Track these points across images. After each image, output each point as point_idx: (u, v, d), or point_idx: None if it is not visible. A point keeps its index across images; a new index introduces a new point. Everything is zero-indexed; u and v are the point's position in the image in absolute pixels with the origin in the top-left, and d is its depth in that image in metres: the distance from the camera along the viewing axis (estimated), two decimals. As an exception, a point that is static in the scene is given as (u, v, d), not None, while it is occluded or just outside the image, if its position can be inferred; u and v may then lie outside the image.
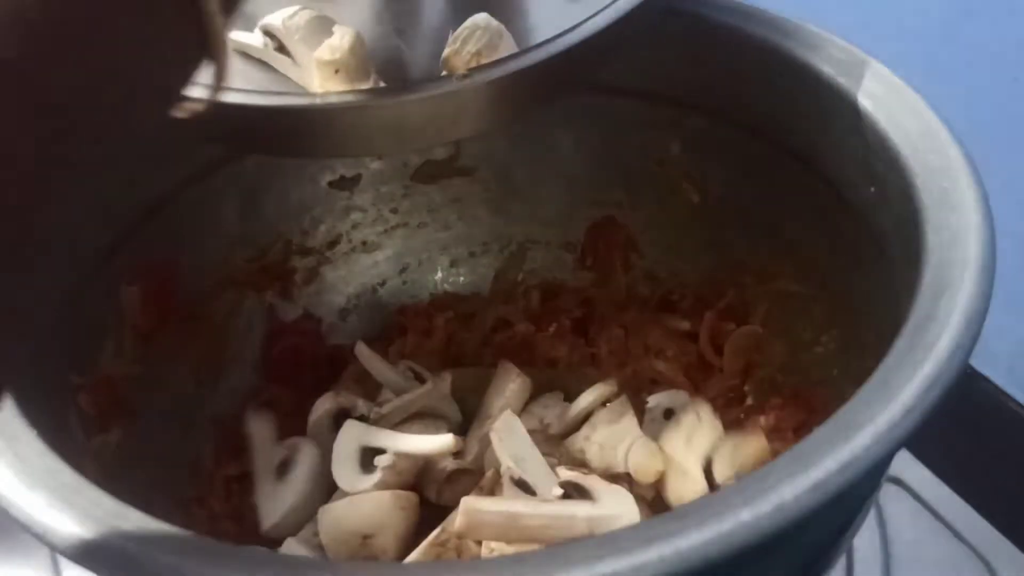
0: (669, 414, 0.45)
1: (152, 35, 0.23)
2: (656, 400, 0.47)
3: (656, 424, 0.45)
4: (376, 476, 0.42)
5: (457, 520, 0.37)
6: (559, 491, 0.38)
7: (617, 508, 0.37)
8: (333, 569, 0.27)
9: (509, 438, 0.40)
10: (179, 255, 0.47)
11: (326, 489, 0.45)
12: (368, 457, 0.43)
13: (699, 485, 0.41)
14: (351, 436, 0.43)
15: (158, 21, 0.23)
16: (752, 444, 0.41)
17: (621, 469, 0.42)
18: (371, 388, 0.49)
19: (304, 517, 0.44)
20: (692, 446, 0.42)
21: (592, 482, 0.39)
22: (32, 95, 0.20)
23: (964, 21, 0.55)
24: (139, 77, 0.23)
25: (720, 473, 0.41)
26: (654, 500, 0.43)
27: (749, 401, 0.49)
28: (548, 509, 0.37)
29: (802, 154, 0.45)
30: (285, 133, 0.35)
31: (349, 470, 0.43)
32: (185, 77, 0.25)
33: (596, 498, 0.38)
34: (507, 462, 0.39)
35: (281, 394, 0.51)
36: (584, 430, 0.44)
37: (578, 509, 0.37)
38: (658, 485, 0.42)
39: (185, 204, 0.47)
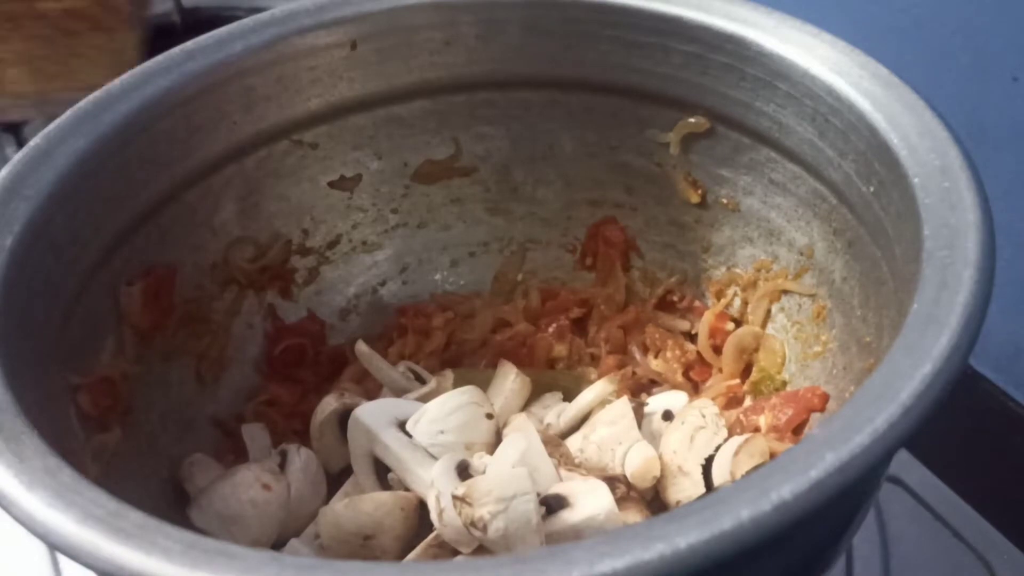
0: (668, 415, 0.45)
1: None
2: (656, 401, 0.47)
3: (655, 425, 0.45)
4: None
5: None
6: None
7: (591, 509, 0.37)
8: (333, 569, 0.27)
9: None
10: (179, 255, 0.47)
11: (324, 490, 0.45)
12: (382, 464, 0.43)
13: (698, 486, 0.41)
14: (362, 446, 0.44)
15: None
16: (751, 445, 0.41)
17: (619, 470, 0.42)
18: (371, 388, 0.49)
19: (304, 519, 0.44)
20: (694, 447, 0.42)
21: (570, 487, 0.39)
22: None
23: (964, 20, 0.56)
24: None
25: (719, 474, 0.41)
26: (654, 500, 0.43)
27: (748, 401, 0.49)
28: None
29: (802, 154, 0.45)
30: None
31: (366, 473, 0.43)
32: None
33: (573, 503, 0.38)
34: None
35: (281, 394, 0.51)
36: (583, 430, 0.44)
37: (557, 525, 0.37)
38: (657, 486, 0.42)
39: (185, 204, 0.47)
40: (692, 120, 0.49)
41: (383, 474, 0.43)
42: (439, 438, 0.42)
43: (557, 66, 0.50)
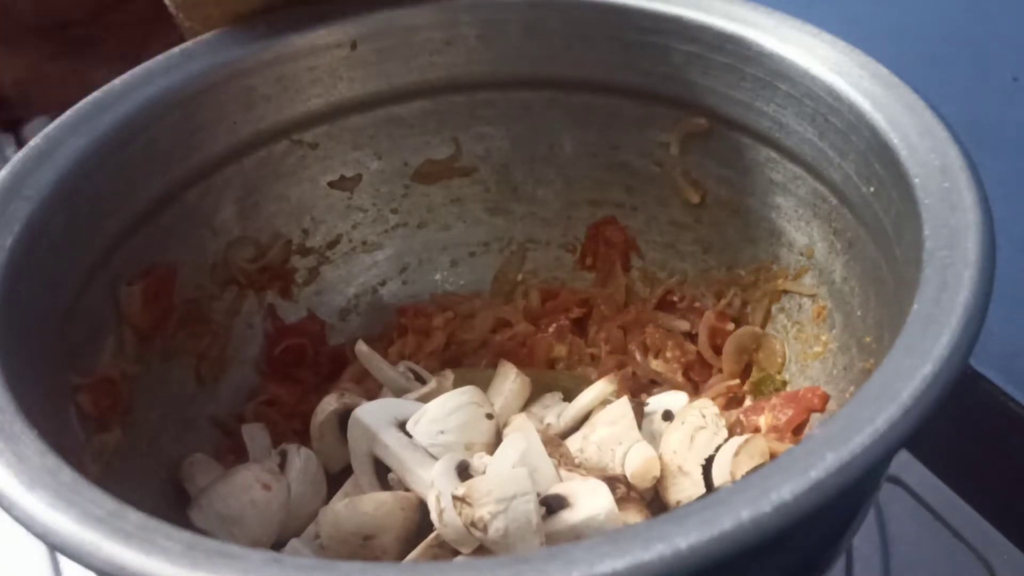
0: (668, 415, 0.45)
1: None
2: (656, 401, 0.47)
3: (655, 425, 0.45)
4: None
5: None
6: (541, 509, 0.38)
7: (591, 510, 0.37)
8: (333, 569, 0.27)
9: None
10: (179, 255, 0.47)
11: (324, 490, 0.45)
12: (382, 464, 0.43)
13: (698, 486, 0.41)
14: (362, 446, 0.44)
15: None
16: (751, 445, 0.41)
17: (618, 471, 0.42)
18: (371, 388, 0.49)
19: (304, 519, 0.44)
20: (694, 447, 0.42)
21: (570, 487, 0.39)
22: None
23: (964, 20, 0.55)
24: None
25: (719, 475, 0.41)
26: (654, 500, 0.43)
27: (748, 401, 0.49)
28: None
29: (802, 154, 0.45)
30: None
31: (366, 473, 0.43)
32: None
33: (573, 503, 0.38)
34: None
35: (281, 394, 0.51)
36: (583, 430, 0.44)
37: (557, 525, 0.37)
38: (657, 486, 0.42)
39: (185, 204, 0.47)
40: (693, 120, 0.49)
41: (383, 474, 0.43)
42: (439, 438, 0.43)
43: (557, 66, 0.50)
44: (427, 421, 0.43)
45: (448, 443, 0.42)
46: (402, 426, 0.43)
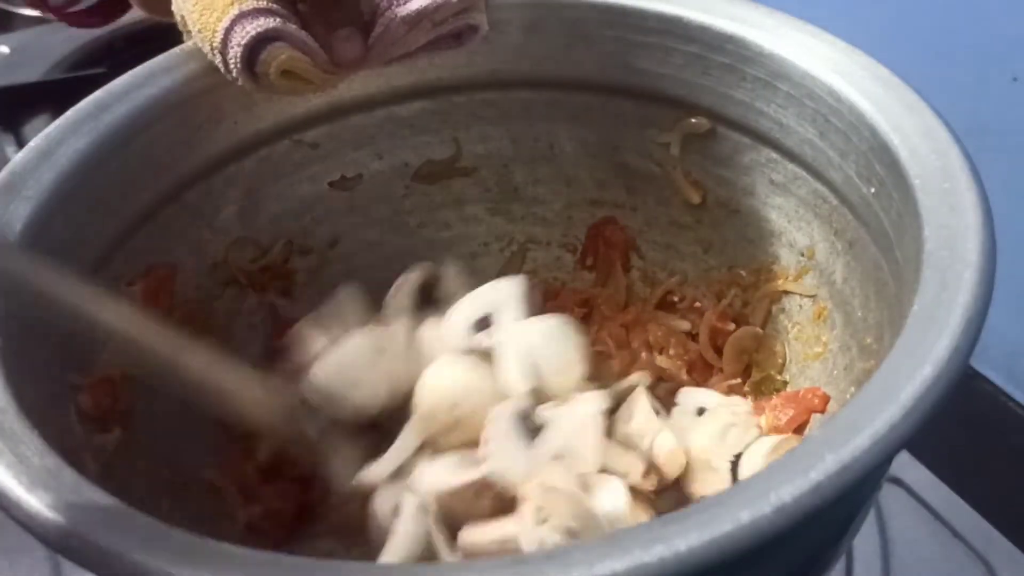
0: (701, 412, 0.45)
1: None
2: (688, 398, 0.46)
3: (686, 419, 0.44)
4: None
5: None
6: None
7: (606, 506, 0.37)
8: (333, 569, 0.27)
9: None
10: (179, 255, 0.47)
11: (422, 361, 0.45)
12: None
13: (725, 483, 0.41)
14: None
15: None
16: (783, 446, 0.41)
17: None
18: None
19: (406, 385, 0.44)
20: (725, 443, 0.42)
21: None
22: None
23: (964, 20, 0.56)
24: None
25: (747, 473, 0.41)
26: (672, 492, 0.42)
27: (749, 401, 0.49)
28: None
29: (802, 154, 0.45)
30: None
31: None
32: None
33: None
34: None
35: (282, 394, 0.51)
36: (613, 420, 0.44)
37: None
38: (681, 479, 0.42)
39: (185, 204, 0.47)
40: (693, 120, 0.49)
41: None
42: (526, 358, 0.43)
43: (557, 66, 0.50)
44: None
45: (533, 367, 0.43)
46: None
